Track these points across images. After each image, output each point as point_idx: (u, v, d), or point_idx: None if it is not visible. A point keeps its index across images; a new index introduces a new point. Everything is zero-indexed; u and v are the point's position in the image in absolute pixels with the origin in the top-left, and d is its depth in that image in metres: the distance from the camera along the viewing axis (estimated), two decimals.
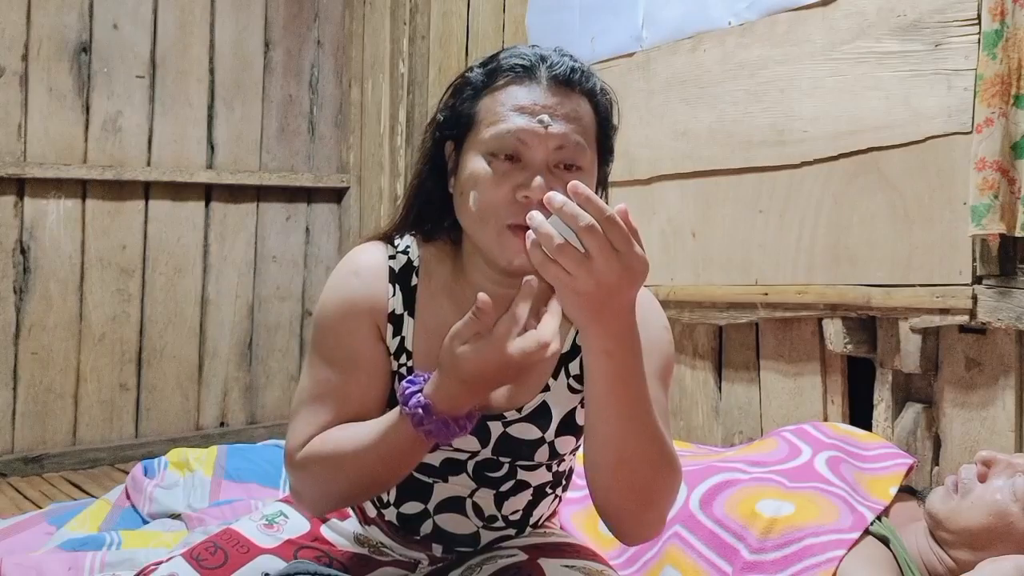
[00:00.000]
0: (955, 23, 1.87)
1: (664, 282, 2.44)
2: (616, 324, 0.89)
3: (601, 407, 0.95)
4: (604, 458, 0.98)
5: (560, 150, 1.03)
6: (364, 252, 1.17)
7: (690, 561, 1.43)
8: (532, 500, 1.23)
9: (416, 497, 1.19)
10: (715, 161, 2.34)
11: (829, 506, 1.43)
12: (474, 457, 1.16)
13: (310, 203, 3.71)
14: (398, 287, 1.14)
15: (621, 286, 0.86)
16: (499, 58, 1.10)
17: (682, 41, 2.44)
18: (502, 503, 1.20)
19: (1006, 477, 1.38)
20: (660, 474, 0.99)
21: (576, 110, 1.06)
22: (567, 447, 1.19)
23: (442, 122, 1.13)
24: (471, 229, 1.08)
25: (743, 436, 2.33)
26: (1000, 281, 1.82)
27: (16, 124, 3.04)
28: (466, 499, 1.19)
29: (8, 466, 2.99)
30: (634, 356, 0.92)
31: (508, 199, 1.02)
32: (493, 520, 1.21)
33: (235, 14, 3.48)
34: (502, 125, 1.04)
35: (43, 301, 3.10)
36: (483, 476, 1.17)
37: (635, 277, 0.87)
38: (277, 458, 2.20)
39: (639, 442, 0.96)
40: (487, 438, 1.14)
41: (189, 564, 1.18)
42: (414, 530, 1.22)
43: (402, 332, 1.14)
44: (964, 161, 1.83)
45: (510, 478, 1.18)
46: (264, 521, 1.29)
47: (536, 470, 1.19)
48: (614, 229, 0.85)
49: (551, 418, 1.15)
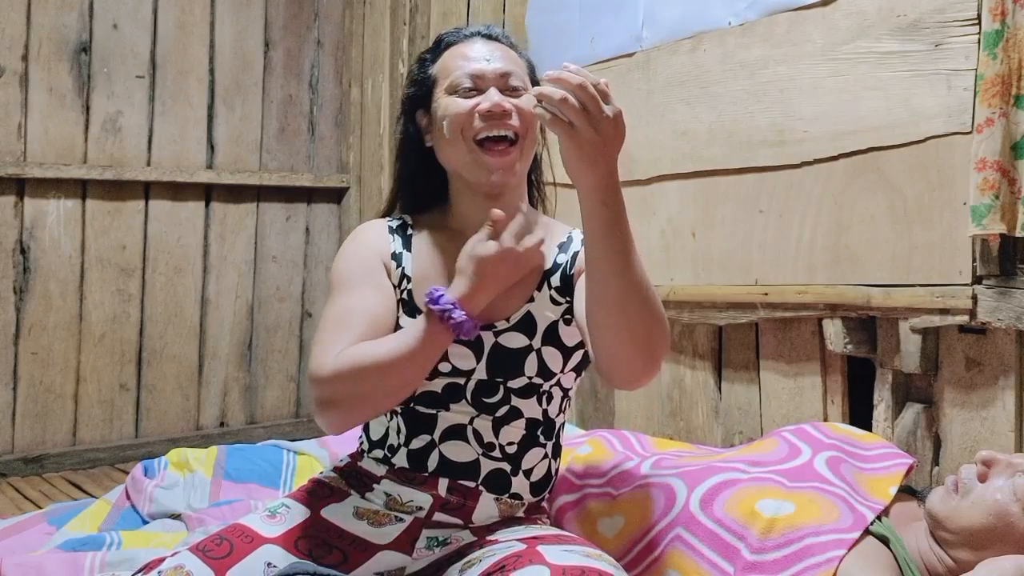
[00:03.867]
0: (955, 23, 1.87)
1: (664, 282, 2.44)
2: (609, 175, 1.08)
3: (599, 257, 1.11)
4: (604, 307, 1.13)
5: (504, 77, 1.34)
6: (366, 222, 1.49)
7: (692, 563, 1.42)
8: (526, 436, 1.36)
9: (423, 430, 1.34)
10: (715, 161, 2.34)
11: (829, 506, 1.43)
12: (470, 379, 1.32)
13: (310, 203, 3.71)
14: (397, 236, 1.43)
15: (616, 136, 1.06)
16: (440, 35, 1.43)
17: (682, 41, 2.44)
18: (499, 430, 1.34)
19: (1006, 477, 1.38)
20: (653, 318, 1.14)
21: (508, 53, 1.38)
22: (554, 362, 1.35)
23: (409, 95, 1.42)
24: (450, 158, 1.35)
25: (743, 436, 2.33)
26: (1000, 281, 1.82)
27: (16, 124, 3.04)
28: (467, 426, 1.34)
29: (8, 466, 3.00)
30: (622, 209, 1.10)
31: (471, 114, 1.31)
32: (491, 448, 1.34)
33: (235, 14, 3.48)
34: (456, 71, 1.34)
35: (43, 301, 3.10)
36: (480, 402, 1.33)
37: (621, 129, 1.07)
38: (277, 458, 2.20)
39: (633, 289, 1.11)
40: (481, 351, 1.32)
41: (196, 556, 1.23)
42: (422, 466, 1.34)
43: (402, 264, 1.39)
44: (964, 161, 1.83)
45: (504, 403, 1.34)
46: (267, 513, 1.35)
47: (528, 397, 1.34)
48: (599, 90, 1.04)
49: (536, 327, 1.34)
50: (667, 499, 1.52)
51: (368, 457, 1.41)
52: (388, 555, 1.32)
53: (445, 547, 1.33)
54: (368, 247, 1.41)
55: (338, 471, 1.44)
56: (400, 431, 1.36)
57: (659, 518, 1.50)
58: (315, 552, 1.29)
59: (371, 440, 1.42)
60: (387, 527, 1.34)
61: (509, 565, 1.18)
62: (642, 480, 1.60)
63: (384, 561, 1.32)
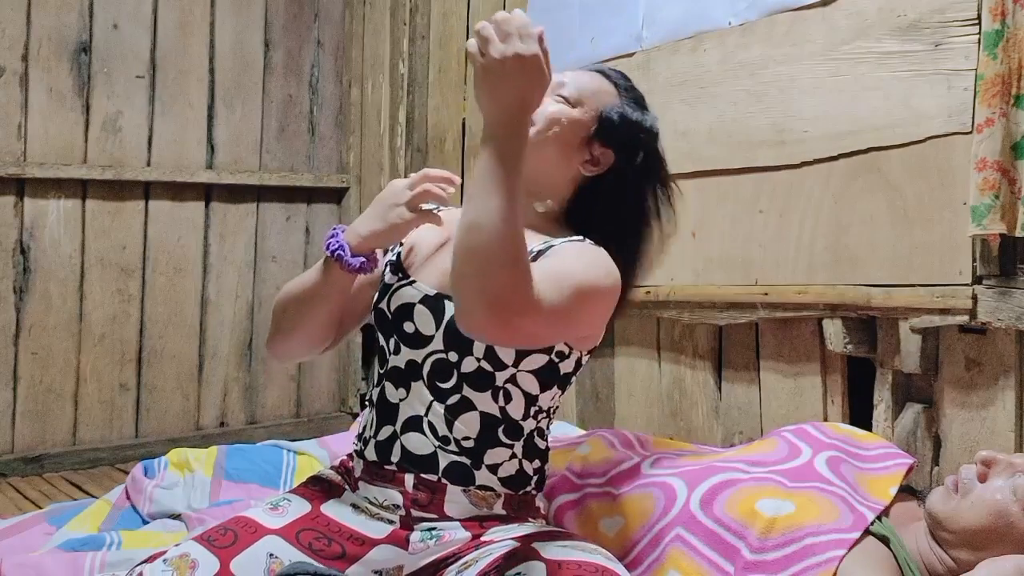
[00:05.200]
0: (955, 23, 1.87)
1: (664, 282, 2.44)
2: (514, 104, 1.10)
3: (477, 188, 1.11)
4: (462, 237, 1.12)
5: (559, 87, 1.40)
6: None
7: (692, 562, 1.43)
8: (483, 432, 1.35)
9: (388, 421, 1.38)
10: (715, 161, 2.34)
11: (829, 506, 1.43)
12: (429, 357, 1.35)
13: (310, 203, 3.71)
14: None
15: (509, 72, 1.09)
16: None
17: (682, 41, 2.44)
18: (451, 423, 1.35)
19: (1006, 477, 1.38)
20: (503, 269, 1.09)
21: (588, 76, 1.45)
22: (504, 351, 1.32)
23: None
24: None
25: (743, 436, 2.33)
26: (1000, 281, 1.82)
27: (16, 124, 3.04)
28: (423, 418, 1.36)
29: (8, 466, 2.99)
30: (518, 144, 1.12)
31: None
32: (447, 442, 1.35)
33: (235, 14, 3.48)
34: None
35: (43, 301, 3.10)
36: (435, 385, 1.35)
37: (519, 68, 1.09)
38: (277, 458, 2.20)
39: (494, 222, 1.09)
40: (441, 317, 1.35)
41: (201, 544, 1.26)
42: (387, 458, 1.37)
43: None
44: (964, 161, 1.83)
45: (456, 391, 1.34)
46: (270, 505, 1.38)
47: (481, 389, 1.34)
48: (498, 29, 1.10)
49: None
50: (667, 499, 1.52)
51: (354, 453, 1.46)
52: (385, 549, 1.33)
53: (440, 541, 1.33)
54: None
55: (335, 469, 1.48)
56: (372, 423, 1.41)
57: (659, 518, 1.50)
58: (315, 545, 1.31)
59: (358, 435, 1.46)
60: (381, 523, 1.36)
61: (506, 563, 1.20)
62: (642, 480, 1.60)
63: (382, 556, 1.33)
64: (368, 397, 1.47)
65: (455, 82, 3.30)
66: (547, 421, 1.44)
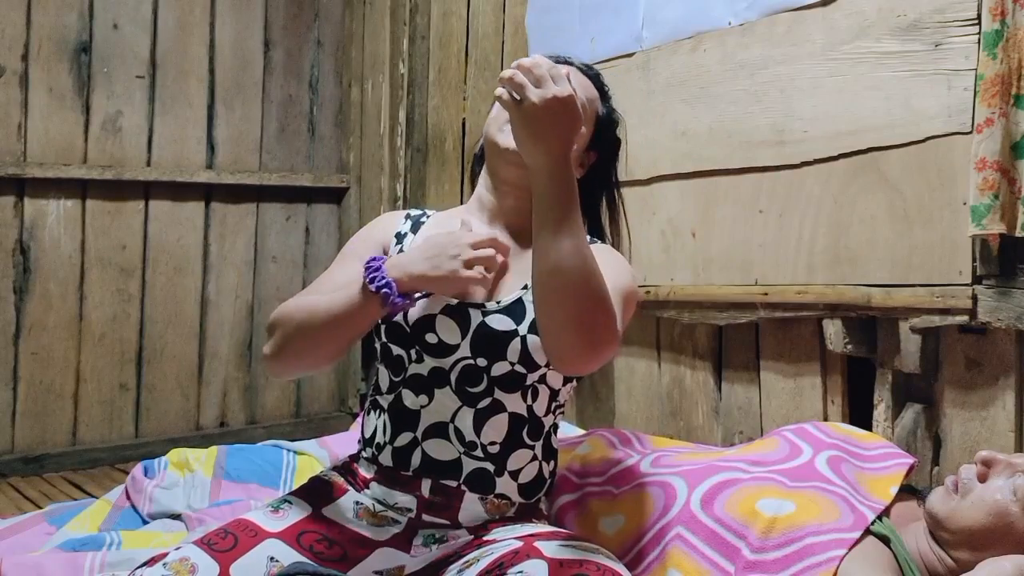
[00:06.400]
0: (955, 23, 1.87)
1: (664, 282, 2.44)
2: (557, 146, 1.12)
3: (543, 235, 1.14)
4: (542, 285, 1.16)
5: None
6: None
7: (692, 561, 1.43)
8: (510, 435, 1.35)
9: (407, 428, 1.36)
10: (715, 161, 2.34)
11: (830, 505, 1.43)
12: (456, 363, 1.34)
13: (310, 203, 3.71)
14: (409, 221, 1.51)
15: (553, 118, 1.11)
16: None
17: (682, 41, 2.44)
18: (480, 427, 1.34)
19: (1006, 477, 1.38)
20: (592, 303, 1.14)
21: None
22: (538, 352, 1.31)
23: None
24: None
25: (743, 436, 2.33)
26: (1000, 281, 1.82)
27: (16, 124, 3.04)
28: (448, 424, 1.35)
29: (8, 466, 2.99)
30: (569, 184, 1.14)
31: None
32: (473, 447, 1.34)
33: (235, 14, 3.48)
34: None
35: (43, 301, 3.10)
36: (464, 390, 1.34)
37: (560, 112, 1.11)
38: (277, 458, 2.19)
39: (571, 271, 1.13)
40: (467, 327, 1.33)
41: (200, 548, 1.25)
42: (405, 464, 1.36)
43: (402, 243, 1.46)
44: (964, 161, 1.83)
45: (487, 395, 1.34)
46: (270, 508, 1.38)
47: (512, 391, 1.34)
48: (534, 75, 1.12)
49: (525, 314, 1.34)
50: (668, 498, 1.52)
51: (361, 458, 1.44)
52: (387, 552, 1.33)
53: (443, 545, 1.34)
54: (376, 228, 1.51)
55: (336, 470, 1.47)
56: (386, 428, 1.39)
57: (660, 517, 1.51)
58: (316, 548, 1.31)
59: (364, 438, 1.44)
60: (384, 526, 1.35)
61: (507, 562, 1.20)
62: (642, 479, 1.60)
63: (383, 558, 1.33)
64: (373, 401, 1.45)
65: (455, 82, 3.30)
66: (560, 416, 1.46)
